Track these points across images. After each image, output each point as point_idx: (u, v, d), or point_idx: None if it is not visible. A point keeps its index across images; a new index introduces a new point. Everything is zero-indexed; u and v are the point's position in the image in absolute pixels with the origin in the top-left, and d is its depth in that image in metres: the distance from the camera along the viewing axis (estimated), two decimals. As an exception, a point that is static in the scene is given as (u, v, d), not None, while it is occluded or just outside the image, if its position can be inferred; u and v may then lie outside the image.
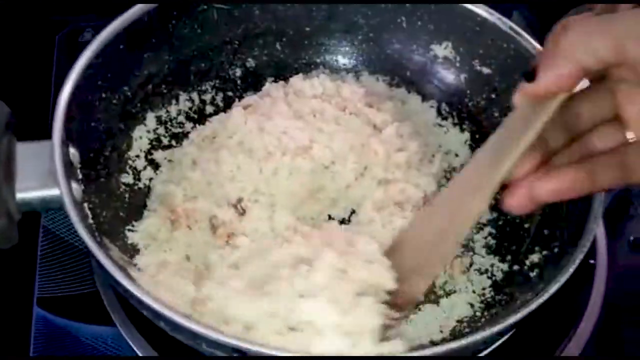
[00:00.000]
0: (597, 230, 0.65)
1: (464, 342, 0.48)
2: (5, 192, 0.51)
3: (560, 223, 0.61)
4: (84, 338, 0.61)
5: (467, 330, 0.59)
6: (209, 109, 0.72)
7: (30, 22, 0.86)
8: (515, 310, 0.50)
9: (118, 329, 0.61)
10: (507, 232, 0.66)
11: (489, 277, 0.63)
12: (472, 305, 0.61)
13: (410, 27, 0.75)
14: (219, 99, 0.73)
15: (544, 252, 0.61)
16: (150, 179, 0.66)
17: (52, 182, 0.52)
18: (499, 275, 0.63)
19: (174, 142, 0.69)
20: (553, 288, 0.50)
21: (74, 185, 0.54)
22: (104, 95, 0.63)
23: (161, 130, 0.69)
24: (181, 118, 0.71)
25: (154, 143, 0.68)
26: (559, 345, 0.63)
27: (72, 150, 0.56)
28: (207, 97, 0.73)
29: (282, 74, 0.75)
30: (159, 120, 0.70)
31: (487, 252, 0.65)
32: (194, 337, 0.48)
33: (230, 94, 0.73)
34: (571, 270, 0.52)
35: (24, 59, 0.84)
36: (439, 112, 0.75)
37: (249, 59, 0.75)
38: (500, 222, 0.67)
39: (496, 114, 0.73)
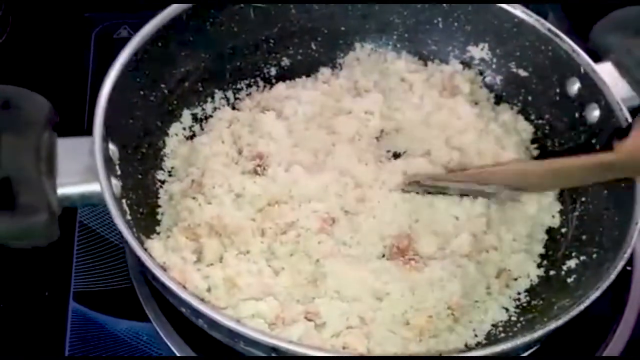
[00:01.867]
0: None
1: (503, 346, 0.47)
2: (47, 187, 0.52)
3: (599, 228, 0.60)
4: (119, 333, 0.62)
5: (502, 334, 0.58)
6: (244, 106, 0.72)
7: (66, 19, 0.87)
8: (555, 316, 0.49)
9: (153, 325, 0.61)
10: (543, 237, 0.65)
11: (524, 282, 0.63)
12: (507, 310, 0.60)
13: (446, 28, 0.74)
14: (254, 97, 0.73)
15: (582, 258, 0.60)
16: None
17: (92, 177, 0.53)
18: (535, 280, 0.62)
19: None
20: (594, 294, 0.50)
21: (114, 181, 0.55)
22: (141, 92, 0.64)
23: (196, 128, 0.70)
24: (217, 116, 0.71)
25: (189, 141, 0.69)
26: (597, 350, 0.62)
27: (112, 147, 0.56)
28: (242, 95, 0.73)
29: (317, 73, 0.75)
30: (194, 117, 0.70)
31: (522, 257, 0.64)
32: (232, 335, 0.48)
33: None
34: (612, 276, 0.51)
35: (60, 55, 0.84)
36: (473, 114, 0.74)
37: (284, 58, 0.75)
38: (536, 227, 0.66)
39: (532, 117, 0.72)
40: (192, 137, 0.69)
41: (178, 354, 0.60)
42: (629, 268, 0.67)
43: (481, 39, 0.74)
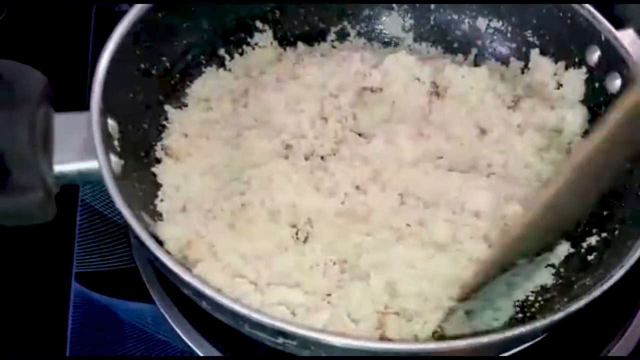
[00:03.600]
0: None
1: (522, 329, 0.45)
2: (42, 164, 0.50)
3: (620, 204, 0.58)
4: (123, 314, 0.60)
5: (519, 315, 0.56)
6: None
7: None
8: (576, 297, 0.47)
9: (157, 306, 0.59)
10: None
11: (542, 260, 0.60)
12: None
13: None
14: (259, 70, 0.71)
15: (603, 235, 0.57)
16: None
17: (90, 154, 0.51)
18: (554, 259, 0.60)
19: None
20: (618, 273, 0.47)
21: (113, 158, 0.53)
22: (142, 65, 0.61)
23: (200, 103, 0.67)
24: (221, 90, 0.69)
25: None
26: (607, 344, 0.60)
27: (111, 122, 0.54)
28: (247, 68, 0.70)
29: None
30: (198, 92, 0.67)
31: (540, 234, 0.62)
32: (236, 318, 0.46)
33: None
34: (637, 254, 0.48)
35: (61, 29, 0.82)
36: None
37: (290, 30, 0.72)
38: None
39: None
40: (195, 112, 0.66)
41: (182, 335, 0.58)
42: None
43: (495, 6, 0.70)
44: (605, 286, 0.47)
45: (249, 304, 0.48)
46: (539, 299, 0.56)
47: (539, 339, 0.53)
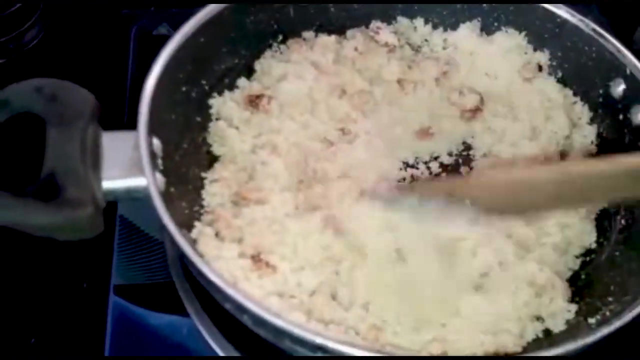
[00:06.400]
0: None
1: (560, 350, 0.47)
2: (92, 180, 0.52)
3: None
4: (160, 326, 0.62)
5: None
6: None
7: (104, 16, 0.88)
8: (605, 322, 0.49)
9: (192, 319, 0.61)
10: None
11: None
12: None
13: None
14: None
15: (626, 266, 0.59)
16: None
17: (137, 171, 0.53)
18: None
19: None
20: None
21: (157, 176, 0.55)
22: (183, 88, 0.63)
23: (237, 124, 0.69)
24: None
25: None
26: None
27: (155, 141, 0.56)
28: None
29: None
30: (235, 114, 0.70)
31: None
32: (277, 332, 0.48)
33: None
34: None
35: (99, 52, 0.84)
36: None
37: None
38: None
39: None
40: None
41: (217, 349, 0.60)
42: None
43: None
44: (634, 312, 0.48)
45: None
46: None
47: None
